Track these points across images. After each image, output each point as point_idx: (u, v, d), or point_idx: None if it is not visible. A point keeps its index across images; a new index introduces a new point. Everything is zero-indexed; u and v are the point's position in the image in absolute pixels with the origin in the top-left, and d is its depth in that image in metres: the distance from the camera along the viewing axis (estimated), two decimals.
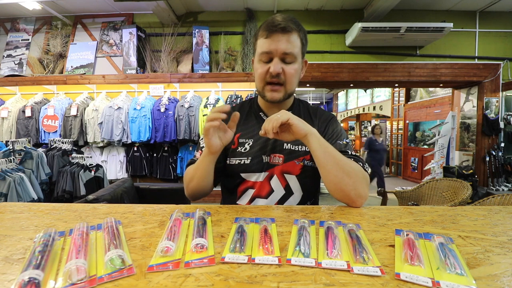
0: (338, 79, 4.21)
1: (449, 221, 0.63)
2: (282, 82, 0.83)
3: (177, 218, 0.57)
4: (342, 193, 0.74)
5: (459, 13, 4.15)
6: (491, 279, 0.39)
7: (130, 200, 2.12)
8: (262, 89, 0.86)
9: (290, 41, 0.81)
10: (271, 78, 0.83)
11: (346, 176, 0.73)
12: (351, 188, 0.73)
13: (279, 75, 0.82)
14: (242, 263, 0.44)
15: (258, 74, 0.85)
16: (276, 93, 0.84)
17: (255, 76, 0.88)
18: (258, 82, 0.87)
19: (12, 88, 4.24)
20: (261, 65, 0.84)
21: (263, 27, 0.83)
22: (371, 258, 0.44)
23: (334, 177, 0.74)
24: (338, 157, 0.75)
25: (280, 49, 0.80)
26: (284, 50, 0.80)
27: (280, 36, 0.80)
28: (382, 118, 8.42)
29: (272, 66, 0.81)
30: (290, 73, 0.83)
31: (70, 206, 0.75)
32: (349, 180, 0.73)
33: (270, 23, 0.81)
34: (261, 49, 0.83)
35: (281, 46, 0.80)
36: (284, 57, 0.81)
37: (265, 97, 0.87)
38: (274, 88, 0.84)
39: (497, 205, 1.67)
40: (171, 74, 4.01)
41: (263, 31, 0.82)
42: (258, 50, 0.84)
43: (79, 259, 0.41)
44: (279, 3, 4.06)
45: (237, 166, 0.88)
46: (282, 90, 0.85)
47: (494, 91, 4.18)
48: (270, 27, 0.80)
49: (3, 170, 2.37)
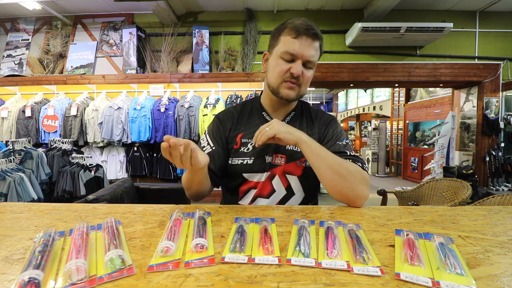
0: (338, 79, 4.21)
1: (449, 221, 0.63)
2: (299, 83, 0.84)
3: (177, 218, 0.57)
4: (340, 195, 0.76)
5: (459, 13, 4.15)
6: (491, 279, 0.39)
7: (130, 200, 2.12)
8: (278, 86, 0.85)
9: (315, 49, 0.82)
10: (290, 78, 0.83)
11: (342, 179, 0.74)
12: (348, 190, 0.74)
13: (298, 77, 0.82)
14: (242, 263, 0.44)
15: (277, 71, 0.83)
16: (292, 91, 0.84)
17: (271, 72, 0.86)
18: (274, 78, 0.85)
19: (12, 88, 4.24)
20: (282, 62, 0.83)
21: (292, 26, 0.81)
22: (371, 258, 0.44)
23: (329, 181, 0.75)
24: (332, 161, 0.76)
25: (306, 54, 0.80)
26: (309, 58, 0.81)
27: (309, 41, 0.80)
28: (382, 118, 8.42)
29: (295, 68, 0.81)
30: (307, 77, 0.84)
31: (70, 206, 0.75)
32: (345, 183, 0.74)
33: (300, 24, 0.80)
34: (286, 48, 0.81)
35: (308, 52, 0.80)
36: (306, 62, 0.82)
37: (279, 94, 0.86)
38: (292, 86, 0.84)
39: (497, 205, 1.67)
40: (171, 74, 4.01)
41: (292, 30, 0.80)
42: (282, 48, 0.82)
43: (79, 259, 0.41)
44: (279, 3, 4.06)
45: (240, 166, 0.88)
46: (297, 89, 0.85)
47: (494, 91, 4.17)
48: (301, 29, 0.79)
49: (3, 170, 2.37)
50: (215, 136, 0.91)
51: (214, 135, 0.91)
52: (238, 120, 0.94)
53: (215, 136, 0.91)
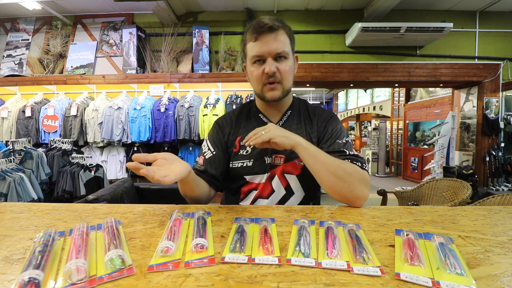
0: (338, 79, 4.20)
1: (449, 221, 0.63)
2: (278, 80, 0.84)
3: (177, 218, 0.57)
4: (339, 196, 0.76)
5: (459, 13, 4.15)
6: (491, 279, 0.39)
7: (130, 200, 2.11)
8: (260, 91, 0.87)
9: (280, 40, 0.82)
10: (267, 79, 0.83)
11: (339, 181, 0.74)
12: (346, 191, 0.74)
13: (274, 74, 0.82)
14: (242, 263, 0.44)
15: (254, 77, 0.85)
16: (275, 91, 0.85)
17: (252, 80, 0.88)
18: (255, 84, 0.87)
19: (12, 88, 4.23)
20: (255, 67, 0.84)
21: (250, 30, 0.83)
22: (371, 258, 0.44)
23: (327, 183, 0.76)
24: (329, 163, 0.76)
25: (271, 50, 0.81)
26: (276, 51, 0.81)
27: (268, 36, 0.80)
28: (382, 118, 8.42)
29: (267, 67, 0.81)
30: (285, 70, 0.84)
31: (70, 206, 0.75)
32: (343, 184, 0.74)
33: (255, 25, 0.82)
34: (252, 52, 0.83)
35: (272, 47, 0.81)
36: (277, 56, 0.82)
37: (265, 98, 0.87)
38: (272, 86, 0.84)
39: (497, 205, 1.67)
40: (171, 74, 4.01)
41: (251, 35, 0.83)
42: (250, 54, 0.84)
43: (79, 259, 0.41)
44: (279, 3, 4.06)
45: (240, 169, 0.88)
46: (279, 87, 0.85)
47: (494, 91, 4.17)
48: (257, 29, 0.81)
49: (3, 170, 2.37)
50: (215, 141, 0.93)
51: (214, 140, 0.93)
52: (236, 123, 0.95)
53: (215, 141, 0.93)
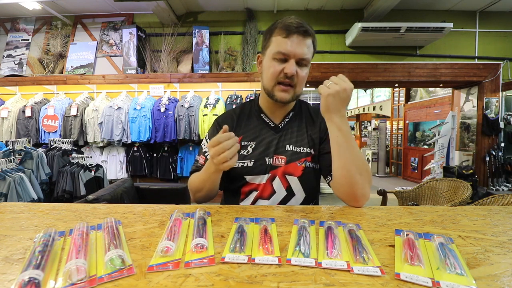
0: None
1: (449, 221, 0.63)
2: (293, 84, 0.83)
3: (177, 218, 0.57)
4: (350, 189, 0.74)
5: (459, 13, 4.15)
6: (491, 279, 0.39)
7: (130, 200, 2.11)
8: (271, 88, 0.85)
9: (308, 46, 0.81)
10: (284, 79, 0.82)
11: (358, 174, 0.73)
12: (359, 186, 0.73)
13: (292, 77, 0.81)
14: (242, 263, 0.44)
15: (270, 73, 0.83)
16: (286, 94, 0.84)
17: (265, 74, 0.85)
18: (268, 80, 0.85)
19: (12, 88, 4.24)
20: (275, 63, 0.82)
21: (282, 25, 0.80)
22: (371, 258, 0.44)
23: (346, 171, 0.74)
24: (355, 153, 0.74)
25: (298, 53, 0.79)
26: (302, 55, 0.80)
27: (300, 39, 0.79)
28: (382, 118, 8.42)
29: (288, 68, 0.80)
30: (302, 76, 0.83)
31: (70, 206, 0.75)
32: (359, 178, 0.73)
33: (290, 23, 0.79)
34: (278, 48, 0.80)
35: (300, 50, 0.79)
36: (300, 61, 0.81)
37: (273, 97, 0.85)
38: (285, 88, 0.83)
39: (497, 205, 1.67)
40: (171, 74, 4.01)
41: (282, 30, 0.80)
42: (274, 49, 0.81)
43: (79, 259, 0.41)
44: (279, 3, 4.06)
45: (240, 169, 0.87)
46: (292, 91, 0.84)
47: (494, 91, 4.17)
48: (291, 27, 0.79)
49: (3, 170, 2.37)
50: None
51: None
52: (238, 122, 0.94)
53: None
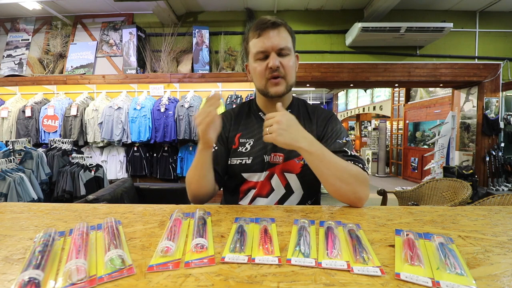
0: (338, 79, 4.20)
1: (449, 221, 0.63)
2: (282, 75, 0.84)
3: (177, 218, 0.57)
4: (342, 198, 0.76)
5: (459, 13, 4.15)
6: (491, 279, 0.39)
7: (130, 200, 2.11)
8: (264, 86, 0.86)
9: (282, 36, 0.83)
10: (271, 73, 0.83)
11: (344, 184, 0.74)
12: (350, 193, 0.75)
13: (278, 69, 0.83)
14: (242, 263, 0.44)
15: (257, 72, 0.85)
16: (279, 87, 0.85)
17: (255, 76, 0.88)
18: (258, 80, 0.87)
19: (12, 88, 4.24)
20: (259, 63, 0.84)
21: (253, 28, 0.85)
22: (371, 258, 0.44)
23: (331, 186, 0.75)
24: (334, 167, 0.74)
25: (274, 44, 0.82)
26: (279, 45, 0.82)
27: (271, 32, 0.82)
28: (382, 118, 8.42)
29: (271, 61, 0.82)
30: (288, 65, 0.84)
31: (70, 206, 0.75)
32: (347, 187, 0.74)
33: (258, 22, 0.83)
34: (255, 48, 0.84)
35: (275, 42, 0.82)
36: (280, 51, 0.83)
37: (268, 94, 0.86)
38: (276, 81, 0.84)
39: (497, 205, 1.67)
40: (171, 74, 4.01)
41: (254, 32, 0.84)
42: (253, 51, 0.85)
43: (79, 259, 0.41)
44: (279, 3, 4.06)
45: (238, 166, 0.88)
46: (283, 82, 0.85)
47: (494, 91, 4.17)
48: (260, 26, 0.82)
49: (3, 170, 2.37)
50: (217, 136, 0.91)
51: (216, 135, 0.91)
52: (236, 120, 0.95)
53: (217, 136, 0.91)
